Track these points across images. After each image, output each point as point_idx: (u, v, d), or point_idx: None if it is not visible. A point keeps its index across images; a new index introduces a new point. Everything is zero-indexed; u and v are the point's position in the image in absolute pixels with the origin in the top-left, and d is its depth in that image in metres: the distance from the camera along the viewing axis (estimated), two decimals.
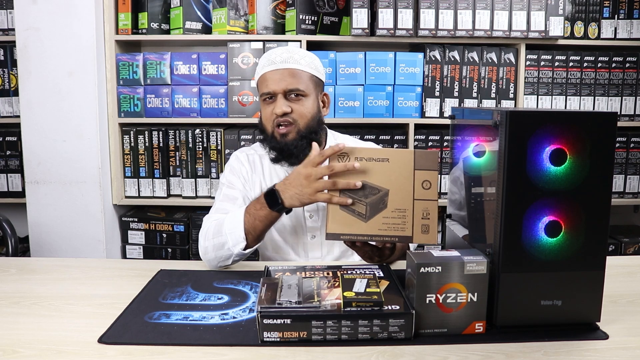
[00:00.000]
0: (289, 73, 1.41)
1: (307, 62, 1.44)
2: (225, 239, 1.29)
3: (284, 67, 1.41)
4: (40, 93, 2.11)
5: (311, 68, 1.44)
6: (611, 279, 1.06)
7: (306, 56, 1.45)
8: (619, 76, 2.27)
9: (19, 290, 1.18)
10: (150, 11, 2.23)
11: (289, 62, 1.41)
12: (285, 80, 1.40)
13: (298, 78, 1.41)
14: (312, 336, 0.92)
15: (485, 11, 2.15)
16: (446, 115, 2.23)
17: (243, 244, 1.29)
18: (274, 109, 1.40)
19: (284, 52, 1.43)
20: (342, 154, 1.17)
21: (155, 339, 0.94)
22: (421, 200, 1.17)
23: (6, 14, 2.28)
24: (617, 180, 2.31)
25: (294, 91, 1.40)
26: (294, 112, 1.41)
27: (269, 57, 1.44)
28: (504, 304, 0.95)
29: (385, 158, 1.17)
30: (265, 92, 1.42)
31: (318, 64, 1.48)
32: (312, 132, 1.42)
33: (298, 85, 1.41)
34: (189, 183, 2.28)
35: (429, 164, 1.17)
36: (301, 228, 1.47)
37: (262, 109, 1.46)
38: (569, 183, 0.93)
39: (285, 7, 2.26)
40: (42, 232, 2.17)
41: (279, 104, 1.40)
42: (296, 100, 1.41)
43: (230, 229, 1.30)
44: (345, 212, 1.16)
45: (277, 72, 1.41)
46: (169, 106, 2.25)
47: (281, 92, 1.40)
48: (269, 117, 1.43)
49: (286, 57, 1.42)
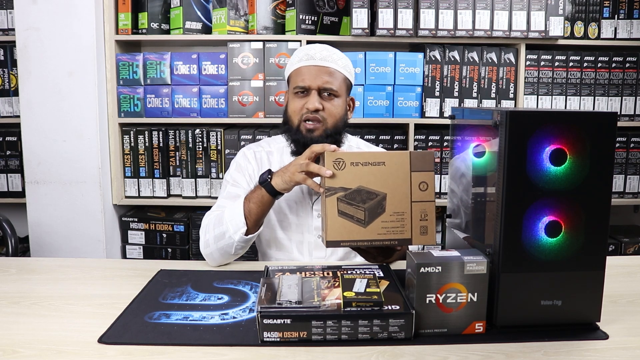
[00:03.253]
0: (326, 71, 1.42)
1: (343, 64, 1.46)
2: (226, 227, 1.33)
3: (322, 64, 1.42)
4: (40, 93, 2.11)
5: (346, 71, 1.46)
6: (611, 279, 1.06)
7: (343, 58, 1.48)
8: (619, 76, 2.27)
9: (19, 290, 1.18)
10: (150, 11, 2.23)
11: (327, 60, 1.43)
12: (322, 78, 1.42)
13: (334, 77, 1.43)
14: (312, 336, 0.92)
15: (485, 11, 2.15)
16: (446, 115, 2.23)
17: (244, 229, 1.32)
18: (307, 104, 1.42)
19: (323, 50, 1.45)
20: (337, 159, 1.17)
21: (155, 339, 0.94)
22: (419, 202, 1.17)
23: (6, 14, 2.28)
24: (617, 180, 2.31)
25: (328, 90, 1.42)
26: (325, 110, 1.42)
27: (308, 52, 1.45)
28: (504, 304, 0.95)
29: (382, 161, 1.16)
30: (300, 85, 1.43)
31: (352, 68, 1.51)
32: (337, 132, 1.45)
33: (333, 85, 1.42)
34: (189, 183, 2.28)
35: (425, 165, 1.17)
36: (308, 227, 1.47)
37: (292, 100, 1.47)
38: (569, 183, 0.93)
39: (285, 7, 2.26)
40: (42, 232, 2.16)
41: (312, 99, 1.41)
42: (328, 99, 1.43)
43: (230, 217, 1.34)
44: (343, 219, 1.16)
45: (314, 67, 1.42)
46: (169, 106, 2.25)
47: (316, 88, 1.41)
48: (297, 110, 1.44)
49: (325, 55, 1.44)
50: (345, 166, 1.16)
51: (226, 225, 1.33)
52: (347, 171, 1.16)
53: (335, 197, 1.16)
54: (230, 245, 1.32)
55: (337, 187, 1.16)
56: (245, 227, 1.32)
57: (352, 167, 1.16)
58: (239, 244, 1.33)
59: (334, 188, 1.16)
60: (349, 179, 1.16)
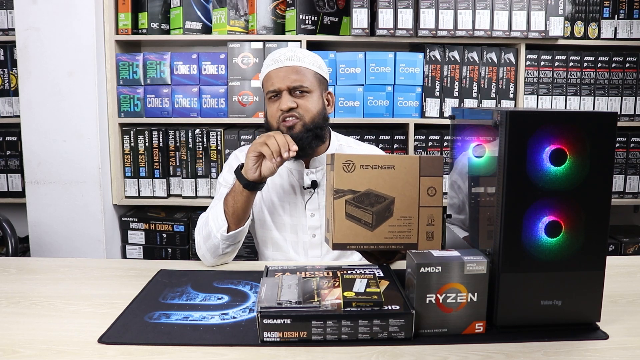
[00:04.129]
0: (293, 70, 1.42)
1: (310, 61, 1.46)
2: (211, 228, 1.35)
3: (287, 64, 1.43)
4: (40, 93, 2.11)
5: (315, 66, 1.46)
6: (611, 279, 1.06)
7: (309, 55, 1.48)
8: (619, 76, 2.27)
9: (19, 290, 1.18)
10: (150, 11, 2.23)
11: (292, 60, 1.43)
12: (290, 77, 1.41)
13: (302, 75, 1.42)
14: (312, 336, 0.92)
15: (485, 11, 2.15)
16: (446, 115, 2.23)
17: (224, 227, 1.34)
18: (280, 105, 1.41)
19: (288, 51, 1.46)
20: (347, 162, 1.15)
21: (155, 339, 0.94)
22: (426, 207, 1.16)
23: (6, 14, 2.28)
24: (617, 180, 2.31)
25: (298, 88, 1.42)
26: (300, 107, 1.42)
27: (273, 57, 1.46)
28: (504, 304, 0.95)
29: (391, 165, 1.15)
30: (271, 89, 1.43)
31: (321, 63, 1.50)
32: (317, 127, 1.44)
33: (302, 82, 1.42)
34: (189, 183, 2.28)
35: (434, 170, 1.16)
36: (302, 227, 1.48)
37: (268, 107, 1.47)
38: (569, 183, 0.93)
39: (285, 7, 2.26)
40: (42, 232, 2.16)
41: (284, 100, 1.41)
42: (301, 97, 1.43)
43: (214, 217, 1.37)
44: (351, 222, 1.15)
45: (281, 69, 1.43)
46: (169, 106, 2.25)
47: (286, 88, 1.41)
48: (274, 114, 1.44)
49: (290, 56, 1.44)
50: (354, 169, 1.15)
51: (210, 225, 1.36)
52: (356, 174, 1.15)
53: (343, 199, 1.15)
54: (216, 245, 1.34)
55: (345, 190, 1.15)
56: (225, 225, 1.34)
57: (361, 170, 1.15)
58: (224, 243, 1.34)
59: (343, 190, 1.15)
60: (357, 182, 1.15)
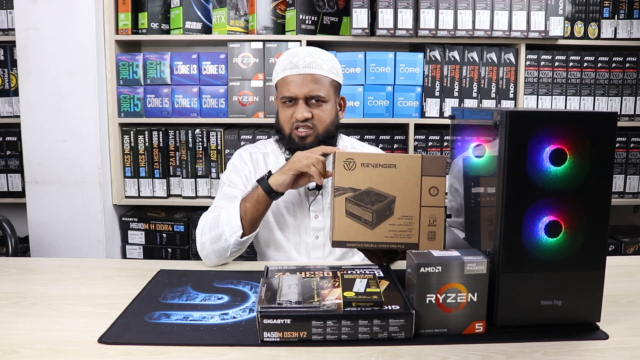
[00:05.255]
0: (312, 79, 1.40)
1: (329, 67, 1.43)
2: (222, 230, 1.33)
3: (306, 72, 1.40)
4: (40, 93, 2.11)
5: (332, 73, 1.44)
6: (611, 279, 1.06)
7: (328, 60, 1.45)
8: (619, 76, 2.27)
9: (19, 290, 1.18)
10: (150, 11, 2.23)
11: (312, 67, 1.40)
12: (308, 86, 1.40)
13: (320, 84, 1.41)
14: (312, 336, 0.92)
15: (485, 11, 2.15)
16: (446, 115, 2.23)
17: (239, 232, 1.32)
18: (295, 114, 1.40)
19: (307, 56, 1.42)
20: (348, 159, 1.15)
21: (155, 339, 0.94)
22: (428, 207, 1.15)
23: (6, 14, 2.28)
24: (617, 180, 2.31)
25: (315, 97, 1.40)
26: (314, 117, 1.41)
27: (291, 60, 1.42)
28: (504, 304, 0.95)
29: (393, 164, 1.15)
30: (287, 95, 1.41)
31: (338, 68, 1.48)
32: (329, 136, 1.44)
33: (319, 92, 1.40)
34: (189, 183, 2.28)
35: (436, 170, 1.15)
36: (305, 228, 1.48)
37: (281, 110, 1.45)
38: (569, 183, 0.93)
39: (285, 7, 2.26)
40: (42, 232, 2.16)
41: (300, 109, 1.40)
42: (317, 106, 1.41)
43: (227, 220, 1.34)
44: (351, 220, 1.15)
45: (299, 76, 1.40)
46: (169, 106, 2.25)
47: (303, 97, 1.40)
48: (287, 120, 1.43)
49: (309, 62, 1.41)
50: (355, 167, 1.15)
51: (222, 227, 1.33)
52: (357, 172, 1.15)
53: (343, 197, 1.15)
54: (226, 248, 1.33)
55: (346, 188, 1.15)
56: (241, 230, 1.32)
57: (362, 168, 1.15)
58: (235, 247, 1.33)
59: (343, 188, 1.15)
60: (358, 180, 1.15)
